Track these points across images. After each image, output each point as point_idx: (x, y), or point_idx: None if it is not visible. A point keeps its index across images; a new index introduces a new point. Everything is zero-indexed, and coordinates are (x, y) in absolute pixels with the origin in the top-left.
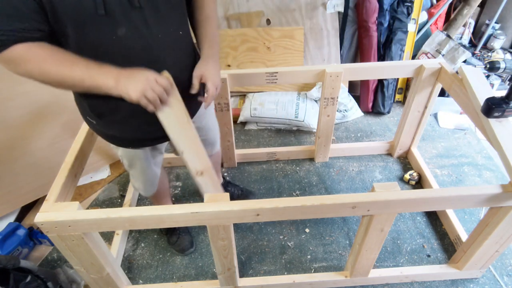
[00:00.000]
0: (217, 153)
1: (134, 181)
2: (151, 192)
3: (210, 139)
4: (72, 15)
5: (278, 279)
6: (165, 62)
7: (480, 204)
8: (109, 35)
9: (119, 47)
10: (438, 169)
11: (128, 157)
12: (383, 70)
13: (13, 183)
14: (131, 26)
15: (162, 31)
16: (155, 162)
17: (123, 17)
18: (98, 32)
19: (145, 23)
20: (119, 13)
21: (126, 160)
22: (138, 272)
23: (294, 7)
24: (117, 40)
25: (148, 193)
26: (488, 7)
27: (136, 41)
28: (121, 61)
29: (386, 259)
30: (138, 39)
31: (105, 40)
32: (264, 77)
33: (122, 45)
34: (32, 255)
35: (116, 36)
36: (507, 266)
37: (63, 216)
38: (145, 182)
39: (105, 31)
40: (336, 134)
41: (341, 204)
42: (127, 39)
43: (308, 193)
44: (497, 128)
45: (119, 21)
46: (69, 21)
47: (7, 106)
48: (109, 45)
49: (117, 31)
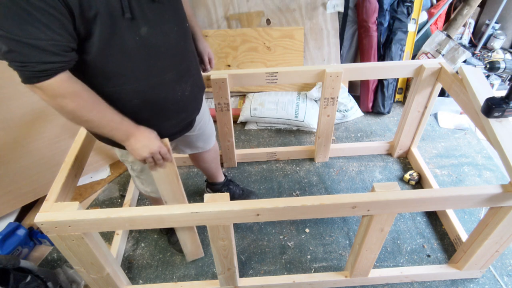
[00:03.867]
0: (215, 148)
1: (145, 186)
2: None
3: (207, 133)
4: (100, 22)
5: (278, 279)
6: (182, 54)
7: (480, 204)
8: (133, 36)
9: (143, 47)
10: (438, 169)
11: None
12: (383, 70)
13: (13, 183)
14: (151, 24)
15: (176, 24)
16: None
17: (142, 16)
18: (124, 35)
19: (163, 18)
20: (139, 12)
21: (138, 165)
22: (138, 272)
23: (294, 7)
24: (140, 40)
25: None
26: (488, 7)
27: (157, 37)
28: (147, 59)
29: (386, 259)
30: (159, 35)
31: (130, 42)
32: (264, 77)
33: (145, 44)
34: (32, 255)
35: (139, 36)
36: (507, 266)
37: (63, 216)
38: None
39: (129, 33)
40: (336, 134)
41: (341, 204)
42: (150, 37)
43: (308, 193)
44: (497, 128)
45: (140, 21)
46: (96, 28)
47: (8, 106)
48: (134, 46)
49: (140, 31)
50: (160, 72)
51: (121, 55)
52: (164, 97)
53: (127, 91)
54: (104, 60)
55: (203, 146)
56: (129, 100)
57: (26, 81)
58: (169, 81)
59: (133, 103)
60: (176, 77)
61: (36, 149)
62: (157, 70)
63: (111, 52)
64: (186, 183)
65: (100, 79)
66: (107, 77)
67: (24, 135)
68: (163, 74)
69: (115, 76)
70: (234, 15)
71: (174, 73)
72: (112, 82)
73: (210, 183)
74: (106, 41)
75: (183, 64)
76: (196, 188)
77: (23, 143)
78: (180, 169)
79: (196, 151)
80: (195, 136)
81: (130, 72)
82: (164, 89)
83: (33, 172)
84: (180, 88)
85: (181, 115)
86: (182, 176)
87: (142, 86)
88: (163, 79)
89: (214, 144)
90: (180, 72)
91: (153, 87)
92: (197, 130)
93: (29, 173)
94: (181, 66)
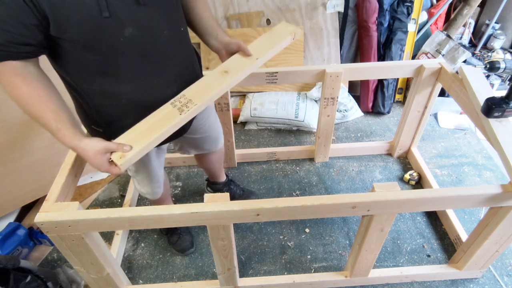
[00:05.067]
0: (221, 149)
1: (141, 187)
2: (160, 193)
3: (213, 135)
4: (75, 21)
5: (278, 279)
6: (173, 58)
7: (480, 204)
8: (117, 37)
9: (129, 48)
10: (438, 169)
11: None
12: (383, 70)
13: (13, 183)
14: (138, 25)
15: (167, 28)
16: (159, 162)
17: (128, 17)
18: (104, 35)
19: (151, 20)
20: (123, 13)
21: (133, 166)
22: (138, 272)
23: (294, 7)
24: (125, 41)
25: (157, 196)
26: (488, 7)
27: (145, 39)
28: (134, 61)
29: (386, 259)
30: (146, 37)
31: (113, 42)
32: (264, 77)
33: (131, 46)
34: (32, 255)
35: (124, 37)
36: (507, 266)
37: (63, 216)
38: (153, 185)
39: (111, 34)
40: (336, 134)
41: (341, 204)
42: (136, 38)
43: (308, 193)
44: (497, 128)
45: (124, 21)
46: (72, 27)
47: (7, 106)
48: (118, 47)
49: (124, 32)
50: (149, 75)
51: (106, 55)
52: (153, 100)
53: (114, 91)
54: (86, 59)
55: (209, 148)
56: (118, 99)
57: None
58: (159, 85)
59: (122, 102)
60: (167, 81)
61: (36, 149)
62: (146, 73)
63: (95, 52)
64: (186, 183)
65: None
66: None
67: (24, 135)
68: (153, 78)
69: (100, 75)
70: (234, 15)
71: (164, 76)
72: (98, 81)
73: (211, 182)
74: (86, 42)
75: (175, 68)
76: (196, 188)
77: (23, 143)
78: (180, 169)
79: (202, 152)
80: (201, 139)
81: (116, 73)
82: (154, 92)
83: (33, 172)
84: (172, 92)
85: None
86: (182, 176)
87: (129, 88)
88: (152, 82)
89: (220, 147)
90: (171, 76)
91: (141, 89)
92: (200, 134)
93: (29, 173)
94: (173, 70)
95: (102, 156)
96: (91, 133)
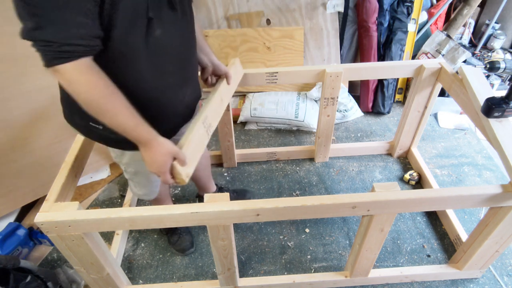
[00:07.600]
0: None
1: (138, 190)
2: (155, 195)
3: None
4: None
5: (278, 279)
6: (190, 60)
7: (480, 204)
8: (148, 36)
9: (155, 47)
10: (438, 169)
11: (135, 163)
12: (383, 70)
13: (13, 183)
14: (166, 27)
15: (186, 31)
16: None
17: (160, 19)
18: (142, 33)
19: (176, 24)
20: (158, 15)
21: (133, 167)
22: (138, 272)
23: (294, 7)
24: (153, 40)
25: (152, 196)
26: (488, 7)
27: (169, 41)
28: (156, 60)
29: (386, 259)
30: (170, 39)
31: (145, 41)
32: (264, 77)
33: (158, 45)
34: (32, 255)
35: (153, 37)
36: (507, 266)
37: (63, 216)
38: (151, 185)
39: (146, 33)
40: (336, 134)
41: (341, 204)
42: (162, 39)
43: (308, 193)
44: (497, 128)
45: (157, 23)
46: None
47: (8, 106)
48: (147, 46)
49: (155, 32)
50: (166, 74)
51: (135, 52)
52: (167, 100)
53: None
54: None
55: None
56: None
57: (48, 63)
58: (173, 85)
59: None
60: (180, 81)
61: (36, 149)
62: (164, 73)
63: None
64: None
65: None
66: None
67: (24, 135)
68: (168, 77)
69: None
70: (234, 15)
71: (178, 77)
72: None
73: (201, 196)
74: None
75: (187, 70)
76: (196, 188)
77: (23, 143)
78: None
79: None
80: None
81: (137, 72)
82: (168, 92)
83: (33, 172)
84: (182, 93)
85: (175, 120)
86: None
87: (148, 86)
88: (168, 82)
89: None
90: (183, 78)
91: (158, 88)
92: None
93: (29, 173)
94: (185, 72)
95: (170, 158)
96: (87, 131)
